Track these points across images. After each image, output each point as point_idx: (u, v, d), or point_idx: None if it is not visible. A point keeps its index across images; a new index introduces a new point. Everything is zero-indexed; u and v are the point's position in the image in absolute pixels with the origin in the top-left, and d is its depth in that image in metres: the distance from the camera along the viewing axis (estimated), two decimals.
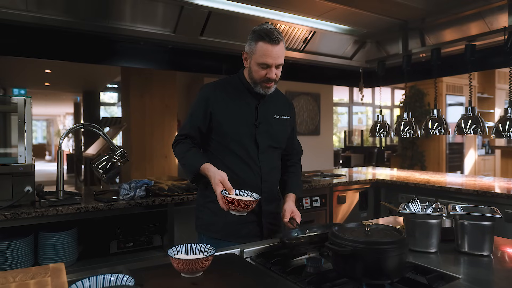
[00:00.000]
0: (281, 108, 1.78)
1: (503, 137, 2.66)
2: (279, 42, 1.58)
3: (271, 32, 1.57)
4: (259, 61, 1.58)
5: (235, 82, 1.73)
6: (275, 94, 1.76)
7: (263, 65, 1.58)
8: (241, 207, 1.38)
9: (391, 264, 1.05)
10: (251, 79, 1.66)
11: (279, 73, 1.64)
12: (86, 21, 2.66)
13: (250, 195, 1.47)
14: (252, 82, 1.65)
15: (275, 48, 1.56)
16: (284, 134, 1.78)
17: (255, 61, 1.60)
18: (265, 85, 1.63)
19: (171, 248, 1.18)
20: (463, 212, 1.34)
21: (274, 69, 1.60)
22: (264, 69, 1.59)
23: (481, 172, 8.00)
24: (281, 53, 1.60)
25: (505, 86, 8.49)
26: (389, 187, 3.26)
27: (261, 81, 1.62)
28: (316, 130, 8.11)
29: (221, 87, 1.71)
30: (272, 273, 1.20)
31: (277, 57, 1.58)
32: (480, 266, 1.22)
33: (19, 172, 1.87)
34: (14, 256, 1.87)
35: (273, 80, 1.62)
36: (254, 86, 1.66)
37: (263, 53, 1.57)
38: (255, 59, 1.59)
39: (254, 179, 1.65)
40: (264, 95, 1.69)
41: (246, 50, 1.65)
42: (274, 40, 1.56)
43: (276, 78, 1.63)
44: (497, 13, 2.83)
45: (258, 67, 1.60)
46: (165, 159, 5.70)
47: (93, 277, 0.95)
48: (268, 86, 1.64)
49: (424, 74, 3.74)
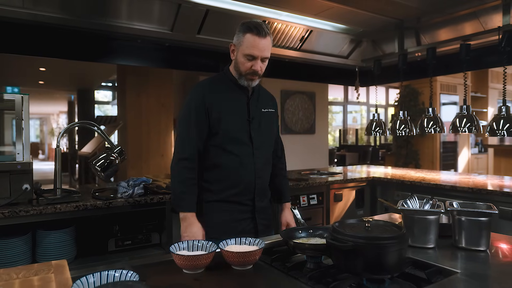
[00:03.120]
0: (267, 101, 1.81)
1: (497, 135, 2.69)
2: (267, 36, 1.61)
3: (260, 25, 1.60)
4: (246, 52, 1.61)
5: (223, 78, 1.74)
6: (259, 88, 1.79)
7: (249, 56, 1.61)
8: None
9: (391, 259, 1.06)
10: (236, 71, 1.68)
11: (263, 67, 1.66)
12: (82, 19, 2.64)
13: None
14: (237, 74, 1.68)
15: (262, 41, 1.59)
16: (273, 128, 1.82)
17: (242, 53, 1.62)
18: (250, 78, 1.65)
19: (173, 245, 1.19)
20: (460, 208, 1.36)
21: (259, 61, 1.62)
22: (250, 61, 1.62)
23: (474, 170, 8.08)
24: (268, 47, 1.62)
25: (498, 86, 8.59)
26: (385, 185, 3.29)
27: (246, 73, 1.64)
28: (311, 129, 8.13)
29: (210, 87, 1.71)
30: (274, 269, 1.22)
31: (263, 50, 1.61)
32: (477, 261, 1.25)
33: (17, 170, 1.86)
34: (12, 254, 1.86)
35: (257, 73, 1.64)
36: (238, 78, 1.68)
37: (250, 45, 1.60)
38: (242, 50, 1.62)
39: (249, 176, 1.67)
40: (252, 91, 1.72)
41: (234, 42, 1.67)
42: (262, 32, 1.59)
43: (261, 71, 1.65)
44: (492, 12, 2.86)
45: (244, 58, 1.62)
46: (161, 157, 5.69)
47: (97, 273, 0.95)
48: (252, 79, 1.66)
49: (419, 73, 3.78)
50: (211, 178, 1.68)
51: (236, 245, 1.26)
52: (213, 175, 1.68)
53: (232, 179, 1.63)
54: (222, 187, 1.66)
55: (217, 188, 1.67)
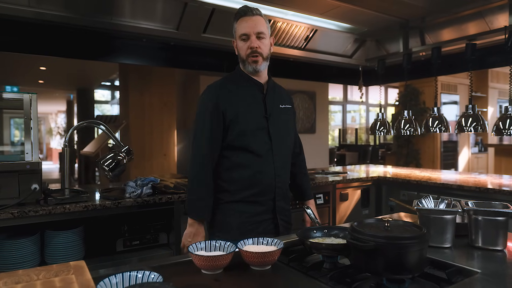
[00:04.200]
0: (283, 97, 1.80)
1: (503, 134, 2.69)
2: (255, 14, 1.64)
3: (247, 7, 1.64)
4: (239, 33, 1.63)
5: (235, 78, 1.72)
6: (275, 85, 1.78)
7: (243, 35, 1.63)
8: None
9: (412, 259, 1.06)
10: (241, 61, 1.68)
11: (263, 46, 1.64)
12: (87, 17, 2.62)
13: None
14: (242, 63, 1.68)
15: (251, 18, 1.63)
16: (291, 124, 1.80)
17: (237, 38, 1.65)
18: (252, 59, 1.63)
19: (191, 245, 1.18)
20: (478, 208, 1.35)
21: (254, 38, 1.62)
22: (246, 41, 1.63)
23: (475, 169, 8.11)
24: (259, 23, 1.63)
25: (498, 85, 8.62)
26: (390, 185, 3.29)
27: (246, 55, 1.64)
28: (312, 128, 8.14)
29: (224, 86, 1.70)
30: (291, 269, 1.21)
31: (254, 26, 1.62)
32: (496, 261, 1.24)
33: (26, 169, 1.85)
34: (21, 254, 1.85)
35: (256, 51, 1.62)
36: (243, 66, 1.68)
37: (241, 26, 1.63)
38: (237, 36, 1.66)
39: (269, 175, 1.64)
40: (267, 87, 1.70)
41: (234, 37, 1.71)
42: (248, 12, 1.63)
43: (259, 49, 1.63)
44: (498, 12, 2.87)
45: (241, 42, 1.64)
46: (164, 157, 5.66)
47: (120, 274, 0.94)
48: (255, 60, 1.64)
49: (423, 73, 3.78)
50: (229, 178, 1.64)
51: (254, 245, 1.25)
52: (231, 175, 1.64)
53: (251, 178, 1.60)
54: (241, 187, 1.63)
55: (236, 188, 1.63)
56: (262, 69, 1.68)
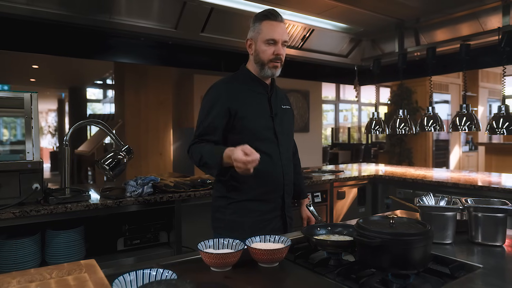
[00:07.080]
0: (283, 98, 1.83)
1: (497, 133, 2.75)
2: (283, 21, 1.65)
3: (274, 11, 1.64)
4: (267, 37, 1.61)
5: (243, 77, 1.72)
6: (275, 86, 1.79)
7: (271, 40, 1.61)
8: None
9: (417, 255, 1.09)
10: (257, 64, 1.66)
11: (284, 53, 1.66)
12: (82, 15, 2.60)
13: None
14: (260, 65, 1.66)
15: (280, 25, 1.63)
16: (292, 124, 1.84)
17: (262, 40, 1.62)
18: (274, 65, 1.64)
19: (199, 243, 1.20)
20: (477, 205, 1.39)
21: (281, 45, 1.63)
22: (272, 46, 1.62)
23: (465, 167, 8.24)
24: (286, 32, 1.65)
25: (488, 85, 8.76)
26: (386, 183, 3.33)
27: (269, 60, 1.63)
28: (305, 127, 8.18)
29: (232, 84, 1.70)
30: (298, 266, 1.23)
31: (283, 33, 1.63)
32: (496, 256, 1.28)
33: (27, 169, 1.84)
34: (23, 254, 1.84)
35: (280, 59, 1.64)
36: (261, 70, 1.66)
37: (270, 29, 1.61)
38: (262, 38, 1.62)
39: (278, 173, 1.67)
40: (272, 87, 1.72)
41: (250, 36, 1.67)
42: (278, 17, 1.63)
43: (283, 56, 1.65)
44: (491, 13, 2.93)
45: (266, 45, 1.62)
46: (160, 156, 5.64)
47: (133, 272, 0.95)
48: (276, 66, 1.65)
49: (417, 73, 3.83)
50: (241, 177, 1.62)
51: (261, 243, 1.27)
52: None
53: (262, 176, 1.61)
54: (252, 185, 1.63)
55: (246, 186, 1.64)
56: (277, 75, 1.70)
